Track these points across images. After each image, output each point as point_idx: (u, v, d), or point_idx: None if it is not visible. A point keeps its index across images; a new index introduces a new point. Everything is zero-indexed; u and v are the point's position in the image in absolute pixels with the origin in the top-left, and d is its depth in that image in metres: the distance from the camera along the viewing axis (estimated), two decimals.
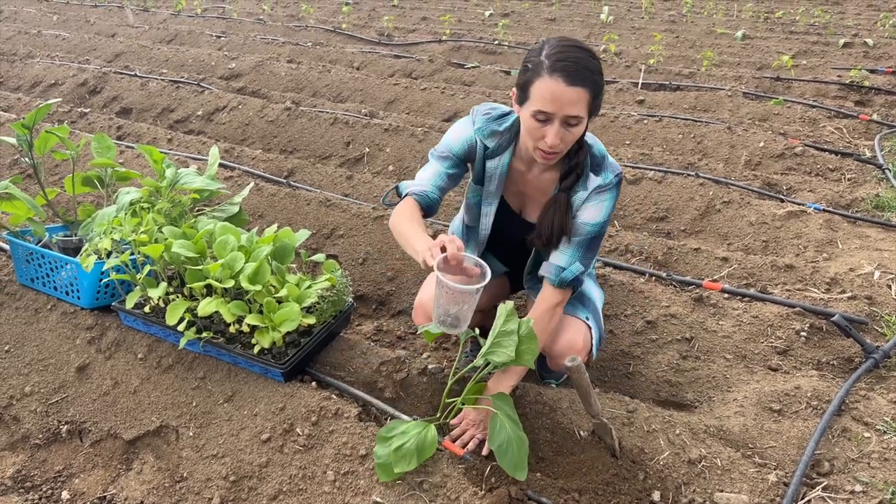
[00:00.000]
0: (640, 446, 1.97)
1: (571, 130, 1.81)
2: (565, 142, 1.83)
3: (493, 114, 2.08)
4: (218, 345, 2.16)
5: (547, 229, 2.01)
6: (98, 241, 2.31)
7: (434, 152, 2.11)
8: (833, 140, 4.73)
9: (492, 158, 2.07)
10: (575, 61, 1.75)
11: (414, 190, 2.03)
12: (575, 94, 1.74)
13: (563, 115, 1.77)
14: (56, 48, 8.31)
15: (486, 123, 2.06)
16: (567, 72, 1.74)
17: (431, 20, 10.89)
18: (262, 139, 4.99)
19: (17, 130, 2.58)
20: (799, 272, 2.92)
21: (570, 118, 1.77)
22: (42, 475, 2.15)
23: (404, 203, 2.02)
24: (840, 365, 2.45)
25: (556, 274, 1.99)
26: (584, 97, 1.76)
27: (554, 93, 1.74)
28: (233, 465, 1.98)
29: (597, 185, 1.96)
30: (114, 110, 5.82)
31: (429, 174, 2.08)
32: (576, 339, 2.08)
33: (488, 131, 2.05)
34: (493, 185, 2.11)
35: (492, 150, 2.06)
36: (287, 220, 3.43)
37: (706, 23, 11.05)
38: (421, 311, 2.27)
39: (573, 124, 1.80)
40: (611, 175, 1.97)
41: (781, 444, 2.04)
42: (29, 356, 2.41)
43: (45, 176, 3.92)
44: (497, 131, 2.05)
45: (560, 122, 1.78)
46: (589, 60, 1.78)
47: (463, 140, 2.08)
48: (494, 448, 1.78)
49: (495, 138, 2.05)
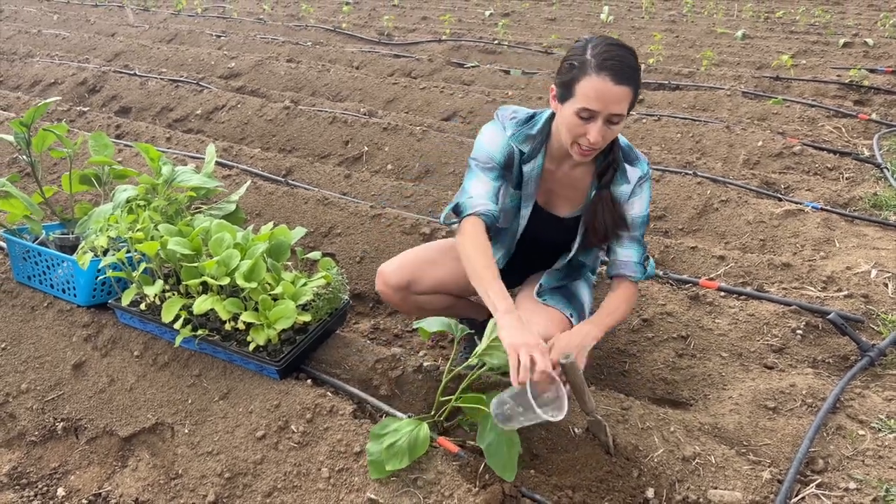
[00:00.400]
0: (635, 443, 1.97)
1: (612, 128, 1.84)
2: (605, 139, 1.86)
3: (520, 117, 2.09)
4: (213, 342, 2.17)
5: (602, 227, 2.07)
6: (94, 239, 2.31)
7: (476, 163, 2.08)
8: (832, 139, 4.73)
9: (527, 163, 2.09)
10: (621, 59, 1.77)
11: (480, 210, 2.00)
12: (621, 93, 1.77)
13: (608, 112, 1.79)
14: (56, 47, 8.32)
15: (519, 129, 2.07)
16: (614, 70, 1.76)
17: (431, 20, 10.90)
18: (261, 138, 5.00)
19: (15, 128, 2.58)
20: (796, 270, 2.92)
21: (614, 116, 1.80)
22: (38, 472, 2.15)
23: (471, 224, 1.99)
24: (836, 363, 2.45)
25: (640, 271, 2.10)
26: (629, 96, 1.79)
27: (601, 91, 1.76)
28: (228, 462, 1.99)
29: (638, 175, 2.04)
30: (113, 109, 5.83)
31: (482, 189, 2.04)
32: (552, 332, 2.04)
33: (522, 136, 2.07)
34: (531, 187, 2.13)
35: (527, 154, 2.08)
36: (285, 218, 3.43)
37: (706, 22, 11.06)
38: (380, 277, 2.27)
39: (615, 122, 1.82)
40: (645, 164, 2.06)
41: (776, 441, 2.04)
42: (25, 353, 2.41)
43: (43, 174, 3.93)
44: (531, 135, 2.06)
45: (603, 120, 1.81)
46: (633, 59, 1.81)
47: (501, 147, 2.07)
48: (483, 447, 1.78)
49: (529, 142, 2.07)
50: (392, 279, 2.24)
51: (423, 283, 2.28)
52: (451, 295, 2.39)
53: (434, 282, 2.29)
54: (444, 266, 2.32)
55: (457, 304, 2.45)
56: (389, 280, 2.24)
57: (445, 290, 2.35)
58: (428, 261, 2.32)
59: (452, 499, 1.74)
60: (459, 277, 2.32)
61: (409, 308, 2.34)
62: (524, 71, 6.81)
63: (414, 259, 2.31)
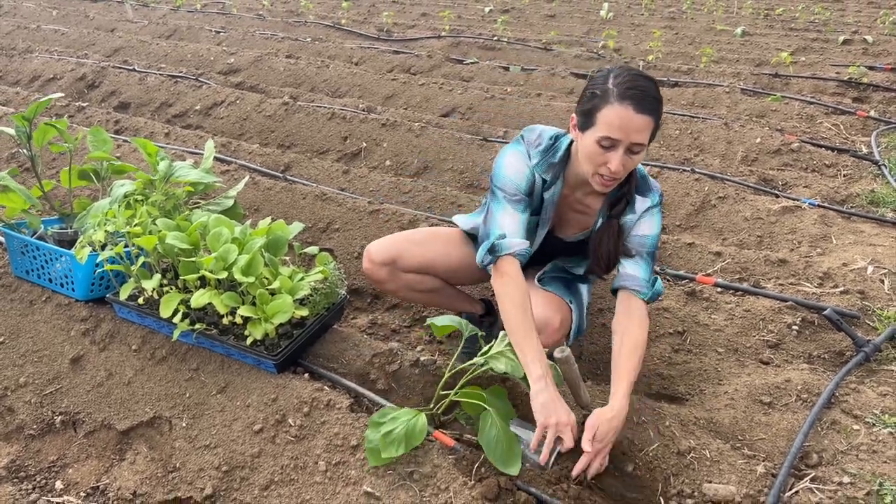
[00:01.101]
0: (630, 437, 1.98)
1: (633, 158, 1.84)
2: (626, 168, 1.85)
3: (544, 143, 2.07)
4: (211, 336, 2.17)
5: (605, 256, 2.08)
6: (92, 234, 2.32)
7: (504, 194, 2.06)
8: (830, 136, 4.73)
9: (548, 189, 2.11)
10: (644, 90, 1.78)
11: (516, 251, 2.00)
12: (643, 122, 1.77)
13: (629, 142, 1.79)
14: (55, 43, 8.31)
15: (543, 157, 2.07)
16: (636, 99, 1.76)
17: (431, 16, 10.89)
18: (260, 134, 5.00)
19: (17, 122, 2.59)
20: (792, 267, 2.93)
21: (635, 146, 1.80)
22: (36, 465, 2.16)
23: (509, 265, 1.98)
24: (831, 358, 2.46)
25: (648, 288, 2.05)
26: (650, 125, 1.80)
27: (623, 119, 1.76)
28: (225, 455, 2.00)
29: (647, 206, 2.05)
30: (112, 105, 5.82)
31: (514, 226, 2.03)
32: (553, 317, 2.09)
33: (546, 165, 2.07)
34: (549, 212, 2.16)
35: (549, 182, 2.09)
36: (283, 213, 3.44)
37: (706, 19, 11.05)
38: (366, 255, 2.30)
39: (636, 152, 1.82)
40: (657, 196, 2.07)
41: (771, 436, 2.05)
42: (24, 348, 2.42)
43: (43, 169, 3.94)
44: (553, 163, 2.07)
45: (625, 149, 1.81)
46: (655, 90, 1.81)
47: (525, 177, 2.06)
48: (484, 444, 1.80)
49: (551, 171, 2.07)
50: (377, 255, 2.27)
51: (410, 261, 2.29)
52: (439, 277, 2.39)
53: (421, 260, 2.30)
54: (431, 247, 2.34)
55: (445, 288, 2.46)
56: (375, 256, 2.27)
57: (433, 270, 2.36)
58: (414, 241, 2.34)
59: (448, 492, 1.75)
60: (448, 260, 2.35)
61: (396, 286, 2.34)
62: (523, 67, 6.81)
63: (400, 238, 2.34)
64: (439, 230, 2.45)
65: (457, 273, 2.41)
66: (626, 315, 2.02)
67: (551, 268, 2.29)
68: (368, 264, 2.30)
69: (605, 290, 2.77)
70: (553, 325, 2.07)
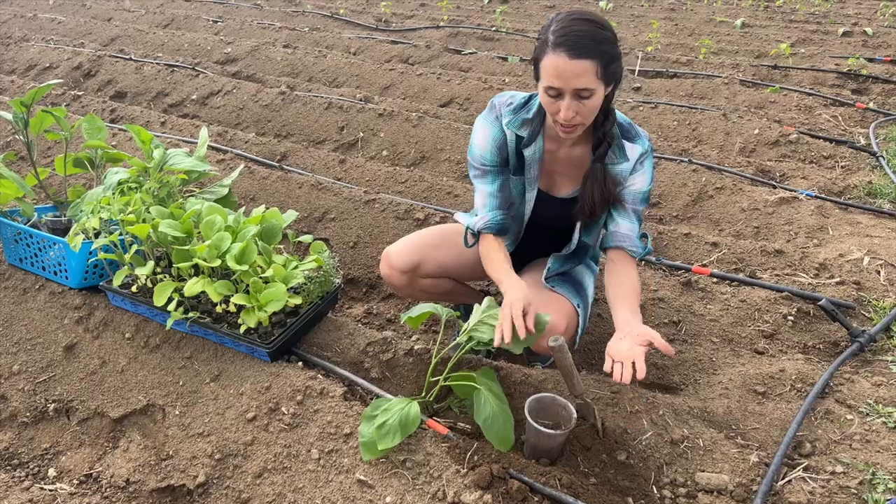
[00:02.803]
0: (624, 426, 1.98)
1: (585, 103, 1.81)
2: (581, 114, 1.82)
3: (517, 102, 2.07)
4: (205, 325, 2.17)
5: (589, 201, 2.03)
6: (86, 221, 2.31)
7: (473, 171, 2.13)
8: (828, 128, 4.72)
9: (528, 146, 2.07)
10: (578, 34, 1.74)
11: (481, 227, 2.11)
12: (580, 67, 1.74)
13: (570, 88, 1.77)
14: (52, 32, 8.27)
15: (515, 115, 2.05)
16: (569, 46, 1.74)
17: (430, 6, 10.83)
18: (257, 123, 4.98)
19: (16, 107, 2.57)
20: (788, 257, 2.92)
21: (580, 91, 1.77)
22: (29, 453, 2.16)
23: (485, 241, 2.13)
24: (826, 349, 2.45)
25: (640, 246, 2.07)
26: (590, 69, 1.75)
27: (558, 68, 1.75)
28: (218, 443, 1.99)
29: (639, 153, 2.01)
30: (108, 94, 5.80)
31: (481, 201, 2.13)
32: (559, 322, 2.05)
33: (519, 122, 2.05)
34: (534, 171, 2.12)
35: (527, 138, 2.06)
36: (279, 202, 3.43)
37: (706, 11, 11.00)
38: (385, 259, 2.27)
39: (585, 96, 1.79)
40: (646, 141, 2.04)
41: (764, 425, 2.05)
42: (17, 335, 2.41)
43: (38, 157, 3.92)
44: (527, 119, 2.04)
45: (571, 96, 1.79)
46: (595, 31, 1.76)
47: (490, 143, 2.07)
48: (480, 422, 1.80)
49: (527, 126, 2.05)
50: (399, 262, 2.23)
51: (429, 267, 2.28)
52: (452, 279, 2.40)
53: (439, 265, 2.29)
54: (447, 249, 2.33)
55: (456, 288, 2.46)
56: (396, 263, 2.23)
57: (449, 273, 2.36)
58: (432, 244, 2.31)
59: (441, 480, 1.75)
60: (462, 260, 2.34)
61: (411, 291, 2.33)
62: (522, 58, 6.78)
63: (418, 242, 2.30)
64: (449, 229, 2.40)
65: (473, 272, 2.42)
66: (624, 266, 2.06)
67: (554, 262, 2.25)
68: (388, 270, 2.26)
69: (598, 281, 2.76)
70: (558, 329, 2.03)
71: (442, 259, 2.31)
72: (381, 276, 2.32)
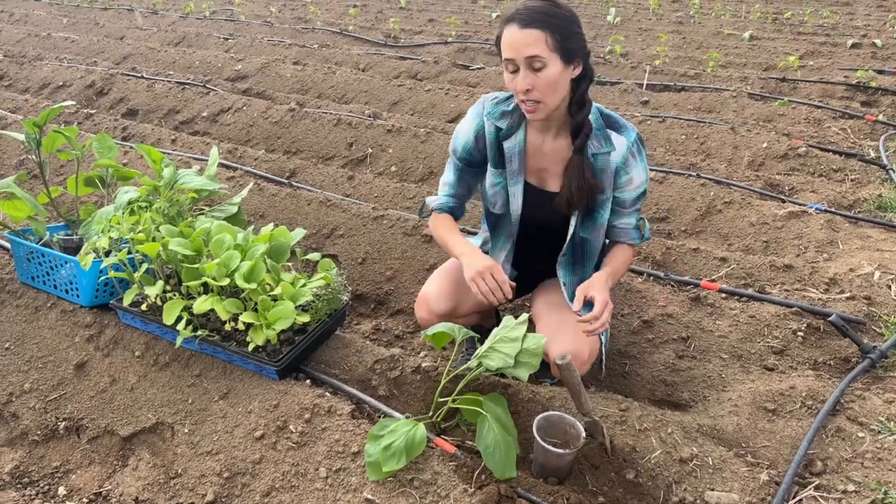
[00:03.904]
0: (632, 445, 1.97)
1: (539, 75, 1.85)
2: (538, 88, 1.87)
3: (501, 96, 2.13)
4: (214, 342, 2.18)
5: (567, 191, 2.04)
6: (96, 240, 2.33)
7: (450, 152, 2.24)
8: (837, 141, 4.70)
9: (507, 138, 2.10)
10: (530, 8, 1.85)
11: (433, 205, 2.27)
12: (530, 36, 1.82)
13: (522, 57, 1.84)
14: (65, 50, 8.39)
15: (495, 107, 2.11)
16: (520, 17, 1.84)
17: (438, 22, 10.91)
18: (266, 140, 5.02)
19: (28, 128, 2.60)
20: (798, 272, 2.91)
21: (531, 59, 1.83)
22: (40, 471, 2.17)
23: (434, 218, 2.26)
24: (837, 365, 2.44)
25: (637, 237, 2.18)
26: (541, 38, 1.82)
27: (510, 38, 1.85)
28: (226, 461, 2.00)
29: (626, 145, 2.01)
30: (120, 111, 5.87)
31: (443, 182, 2.27)
32: (582, 349, 2.04)
33: (498, 113, 2.10)
34: (515, 163, 2.13)
35: (506, 130, 2.10)
36: (287, 220, 3.45)
37: (714, 24, 11.02)
38: (423, 304, 2.26)
39: (538, 67, 1.84)
40: (632, 132, 2.05)
41: (775, 443, 2.04)
42: (28, 353, 2.44)
43: (51, 175, 3.97)
44: (507, 111, 2.09)
45: (525, 67, 1.85)
46: (549, 7, 1.86)
47: (468, 132, 2.15)
48: (482, 448, 1.79)
49: (506, 118, 2.09)
50: (438, 308, 2.24)
51: (465, 308, 2.30)
52: (482, 311, 2.44)
53: (474, 303, 2.31)
54: None
55: (483, 319, 2.53)
56: (436, 309, 2.24)
57: (482, 308, 2.39)
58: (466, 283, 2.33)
59: (448, 499, 1.75)
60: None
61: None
62: None
63: (452, 282, 2.29)
64: None
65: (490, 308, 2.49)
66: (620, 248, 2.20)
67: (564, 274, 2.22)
68: (427, 315, 2.25)
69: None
70: (582, 357, 2.03)
71: (477, 300, 2.29)
72: (417, 318, 2.33)
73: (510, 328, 1.90)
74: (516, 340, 1.86)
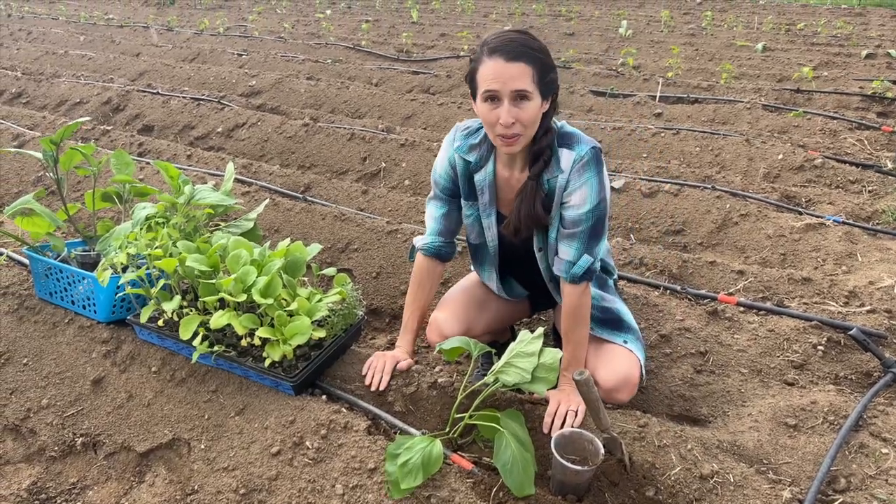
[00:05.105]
0: (652, 461, 1.94)
1: (523, 107, 1.83)
2: (521, 120, 1.84)
3: (472, 128, 2.12)
4: (230, 358, 2.18)
5: (515, 218, 2.02)
6: (114, 256, 2.34)
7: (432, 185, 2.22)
8: (854, 152, 4.66)
9: (477, 171, 2.10)
10: (512, 40, 1.82)
11: (419, 245, 2.25)
12: (517, 69, 1.79)
13: (508, 90, 1.80)
14: (82, 67, 8.50)
15: (464, 140, 2.10)
16: (505, 51, 1.81)
17: (450, 36, 10.96)
18: (280, 155, 5.05)
19: (45, 146, 2.63)
20: (817, 285, 2.87)
21: (518, 92, 1.81)
22: (57, 487, 2.18)
23: (417, 262, 2.26)
24: (858, 379, 2.40)
25: (566, 270, 2.01)
26: (528, 72, 1.80)
27: (496, 70, 1.80)
28: (243, 477, 1.99)
29: (573, 160, 1.92)
30: (136, 127, 5.93)
31: (428, 217, 2.24)
32: (632, 373, 2.08)
33: (466, 147, 2.10)
34: (486, 196, 2.13)
35: (475, 163, 2.09)
36: (302, 234, 3.46)
37: (726, 36, 11.00)
38: (435, 329, 2.32)
39: (523, 99, 1.82)
40: (585, 147, 1.93)
41: (797, 459, 2.01)
42: (46, 369, 2.45)
43: (68, 192, 4.00)
44: (474, 144, 2.09)
45: (509, 100, 1.82)
46: (529, 41, 1.84)
47: (443, 167, 2.15)
48: (499, 466, 1.77)
49: (475, 151, 2.09)
50: (450, 331, 2.27)
51: (477, 329, 2.33)
52: (492, 331, 2.46)
53: (486, 325, 2.35)
54: (491, 306, 2.39)
55: (496, 337, 2.55)
56: (448, 332, 2.27)
57: (492, 329, 2.43)
58: (476, 304, 2.35)
59: None
60: (503, 314, 2.42)
61: None
62: None
63: (464, 305, 2.33)
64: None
65: (512, 318, 2.54)
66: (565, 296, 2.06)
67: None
68: (439, 339, 2.26)
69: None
70: (633, 381, 2.09)
71: (489, 319, 2.37)
72: (428, 340, 2.36)
73: (526, 342, 1.89)
74: (533, 355, 1.84)
